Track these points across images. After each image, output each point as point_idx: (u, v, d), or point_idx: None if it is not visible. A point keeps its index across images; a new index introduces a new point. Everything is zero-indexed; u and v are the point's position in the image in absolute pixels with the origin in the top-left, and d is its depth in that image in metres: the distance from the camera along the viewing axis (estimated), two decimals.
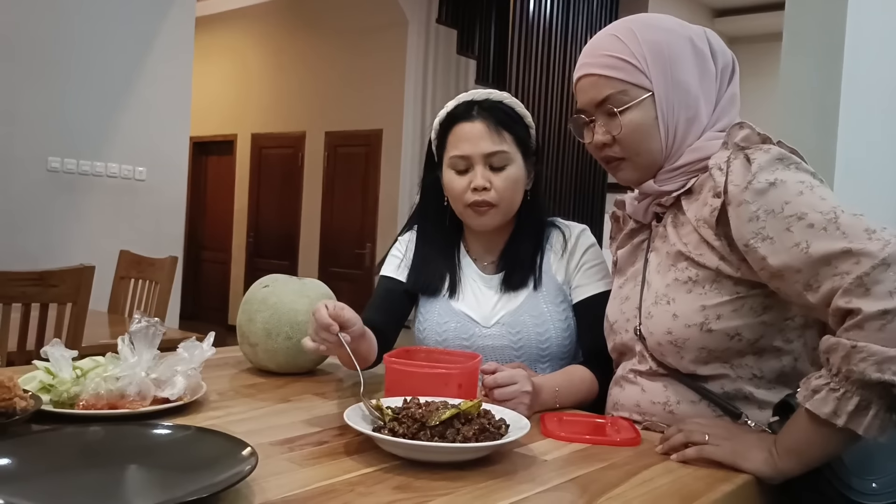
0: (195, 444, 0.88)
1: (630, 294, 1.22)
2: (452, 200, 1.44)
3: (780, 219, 0.97)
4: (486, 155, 1.38)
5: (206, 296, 8.19)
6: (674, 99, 1.12)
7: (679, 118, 1.13)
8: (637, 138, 1.14)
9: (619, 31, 1.15)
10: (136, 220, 4.50)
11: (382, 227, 6.44)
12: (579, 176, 6.22)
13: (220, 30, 7.77)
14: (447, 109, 1.45)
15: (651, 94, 1.12)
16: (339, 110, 6.81)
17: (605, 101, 1.14)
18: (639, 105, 1.12)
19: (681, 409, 1.12)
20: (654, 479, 0.93)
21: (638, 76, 1.12)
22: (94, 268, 2.24)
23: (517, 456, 0.98)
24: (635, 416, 1.18)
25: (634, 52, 1.12)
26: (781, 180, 0.99)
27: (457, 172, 1.41)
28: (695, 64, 1.13)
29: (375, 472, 0.89)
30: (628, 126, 1.13)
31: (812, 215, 0.95)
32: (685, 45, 1.13)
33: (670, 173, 1.15)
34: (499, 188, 1.39)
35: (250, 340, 1.39)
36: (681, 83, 1.12)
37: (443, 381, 1.13)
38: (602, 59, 1.14)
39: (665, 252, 1.15)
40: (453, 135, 1.42)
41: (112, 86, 4.36)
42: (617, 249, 1.31)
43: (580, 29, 6.17)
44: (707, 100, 1.14)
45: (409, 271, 1.50)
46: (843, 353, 0.88)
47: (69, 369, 1.06)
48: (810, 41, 2.23)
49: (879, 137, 2.61)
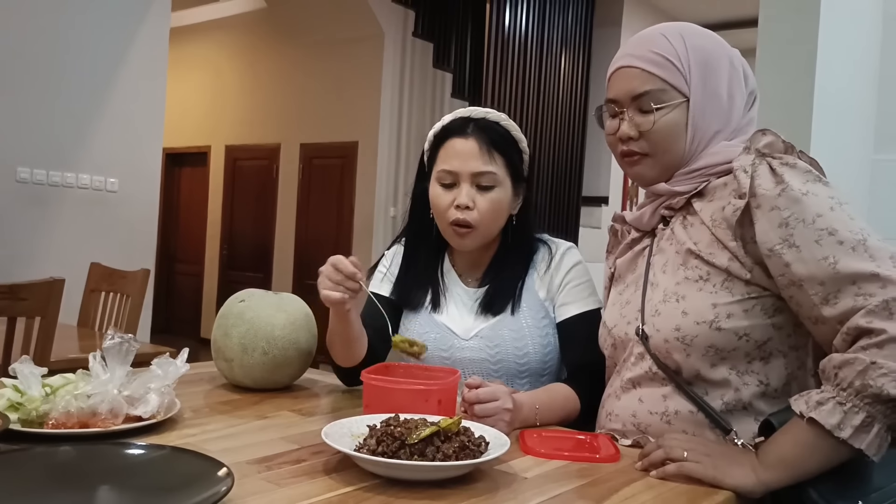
0: (169, 464, 0.86)
1: (631, 298, 1.22)
2: (437, 216, 1.43)
3: (811, 229, 0.99)
4: (474, 174, 1.38)
5: (178, 309, 8.09)
6: (707, 108, 1.14)
7: (708, 128, 1.14)
8: (665, 139, 1.14)
9: (668, 32, 1.16)
10: (108, 233, 4.43)
11: (358, 239, 6.41)
12: (555, 189, 6.26)
13: (194, 41, 7.72)
14: (443, 123, 1.45)
15: (687, 100, 1.13)
16: (315, 122, 6.79)
17: (644, 95, 1.14)
18: (674, 108, 1.13)
19: (678, 420, 1.11)
20: (636, 496, 0.93)
21: (679, 80, 1.13)
22: (64, 281, 2.19)
23: (498, 473, 0.97)
24: (630, 428, 1.16)
25: (681, 55, 1.13)
26: (814, 192, 1.01)
27: (443, 187, 1.40)
28: (731, 81, 1.15)
29: (355, 492, 0.87)
30: (660, 125, 1.14)
31: (843, 233, 0.97)
32: (726, 60, 1.16)
33: (685, 175, 1.16)
34: (482, 209, 1.38)
35: (226, 356, 1.36)
36: (716, 95, 1.14)
37: (422, 397, 1.12)
38: (648, 55, 1.14)
39: (674, 252, 1.15)
40: (444, 149, 1.41)
41: (84, 95, 4.30)
42: (616, 260, 1.31)
43: (555, 43, 6.23)
44: (735, 116, 1.16)
45: (395, 282, 1.50)
46: (861, 367, 0.90)
47: (38, 387, 1.03)
48: (783, 57, 2.27)
49: (850, 148, 2.67)
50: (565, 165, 6.37)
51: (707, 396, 1.10)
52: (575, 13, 6.42)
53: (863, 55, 2.76)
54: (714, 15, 7.03)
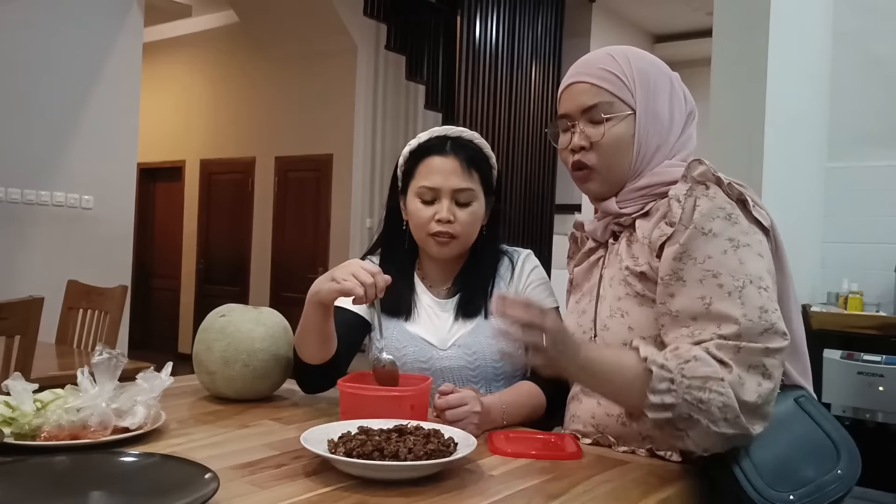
0: (158, 470, 0.92)
1: (586, 308, 1.29)
2: (415, 228, 1.49)
3: (698, 268, 1.07)
4: (455, 190, 1.45)
5: (155, 324, 8.07)
6: (650, 124, 1.22)
7: (651, 143, 1.22)
8: (613, 151, 1.22)
9: (614, 52, 1.25)
10: (84, 250, 4.44)
11: (334, 251, 6.46)
12: (528, 197, 6.36)
13: (168, 56, 7.73)
14: (419, 141, 1.51)
15: (633, 112, 1.21)
16: (289, 135, 6.83)
17: (594, 108, 1.22)
18: (622, 119, 1.21)
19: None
20: (594, 489, 1.00)
21: (626, 93, 1.22)
22: (44, 299, 2.22)
23: (466, 472, 1.04)
24: (590, 429, 1.23)
25: (626, 72, 1.22)
26: (715, 233, 1.08)
27: (423, 202, 1.46)
28: (672, 100, 1.24)
29: (333, 492, 0.94)
30: (609, 136, 1.22)
31: (725, 277, 1.05)
32: (667, 81, 1.25)
33: (631, 194, 1.23)
34: (462, 222, 1.46)
35: (208, 369, 1.42)
36: (658, 113, 1.23)
37: (396, 403, 1.19)
38: (597, 71, 1.23)
39: (618, 268, 1.23)
40: (425, 165, 1.48)
41: (57, 112, 4.32)
42: (574, 267, 1.38)
43: (525, 54, 6.35)
44: (674, 134, 1.25)
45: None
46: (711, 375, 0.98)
47: (30, 402, 1.09)
48: (736, 71, 2.37)
49: (804, 157, 2.78)
50: (538, 174, 6.47)
51: None
52: (544, 25, 6.54)
53: (814, 70, 2.88)
54: (677, 26, 7.21)
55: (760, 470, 1.01)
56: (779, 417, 1.05)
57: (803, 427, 1.08)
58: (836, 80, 3.06)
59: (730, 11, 2.40)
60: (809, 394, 1.14)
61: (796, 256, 2.67)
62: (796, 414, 1.09)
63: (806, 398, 1.12)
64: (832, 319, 2.48)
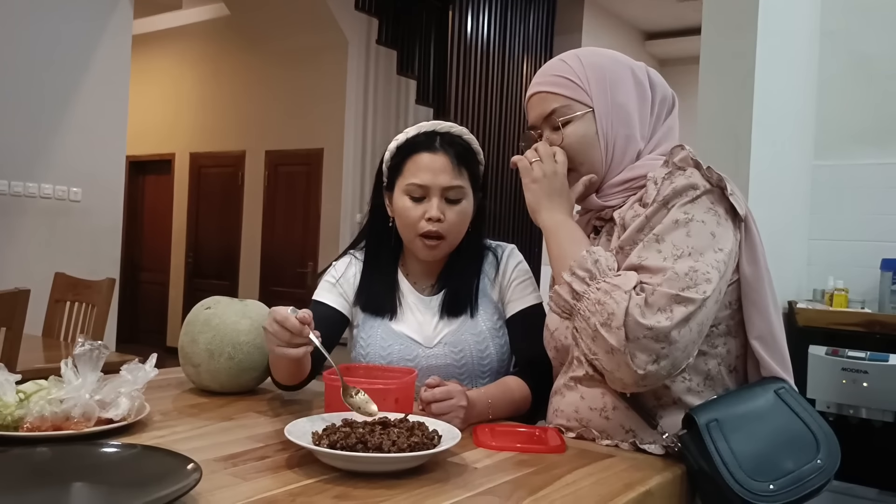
0: (141, 461, 0.92)
1: None
2: (404, 227, 1.46)
3: (649, 237, 1.12)
4: (445, 188, 1.43)
5: (143, 318, 8.03)
6: (613, 116, 1.24)
7: (618, 134, 1.25)
8: (579, 149, 1.25)
9: (566, 57, 1.29)
10: (72, 242, 4.41)
11: (324, 246, 6.44)
12: (519, 192, 6.34)
13: (158, 48, 7.69)
14: (407, 136, 1.48)
15: (591, 110, 1.24)
16: (280, 129, 6.81)
17: (551, 114, 1.26)
18: (580, 119, 1.25)
19: (615, 415, 1.19)
20: (577, 482, 1.01)
21: (580, 93, 1.25)
22: (30, 291, 2.21)
23: (450, 465, 1.04)
24: (573, 423, 1.24)
25: (577, 72, 1.25)
26: (674, 206, 1.12)
27: (412, 199, 1.44)
28: (634, 90, 1.26)
29: (316, 483, 0.94)
30: (570, 137, 1.25)
31: (666, 244, 1.10)
32: (626, 72, 1.27)
33: (612, 189, 1.26)
34: (451, 221, 1.44)
35: (193, 361, 1.42)
36: (620, 104, 1.25)
37: (381, 395, 1.19)
38: (549, 78, 1.27)
39: None
40: (413, 162, 1.45)
41: (46, 105, 4.29)
42: None
43: (517, 50, 6.35)
44: (643, 122, 1.26)
45: (357, 291, 1.53)
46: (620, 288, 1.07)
47: (13, 393, 1.08)
48: (724, 70, 2.38)
49: (791, 155, 2.79)
50: None
51: (641, 394, 1.18)
52: (536, 20, 6.55)
53: (801, 69, 2.89)
54: (668, 23, 7.22)
55: (741, 461, 1.03)
56: (759, 409, 1.06)
57: (783, 419, 1.09)
58: (823, 79, 3.08)
59: (718, 10, 2.41)
60: (790, 386, 1.15)
61: (783, 253, 2.71)
62: (776, 405, 1.10)
63: (786, 390, 1.13)
64: (818, 316, 2.50)
